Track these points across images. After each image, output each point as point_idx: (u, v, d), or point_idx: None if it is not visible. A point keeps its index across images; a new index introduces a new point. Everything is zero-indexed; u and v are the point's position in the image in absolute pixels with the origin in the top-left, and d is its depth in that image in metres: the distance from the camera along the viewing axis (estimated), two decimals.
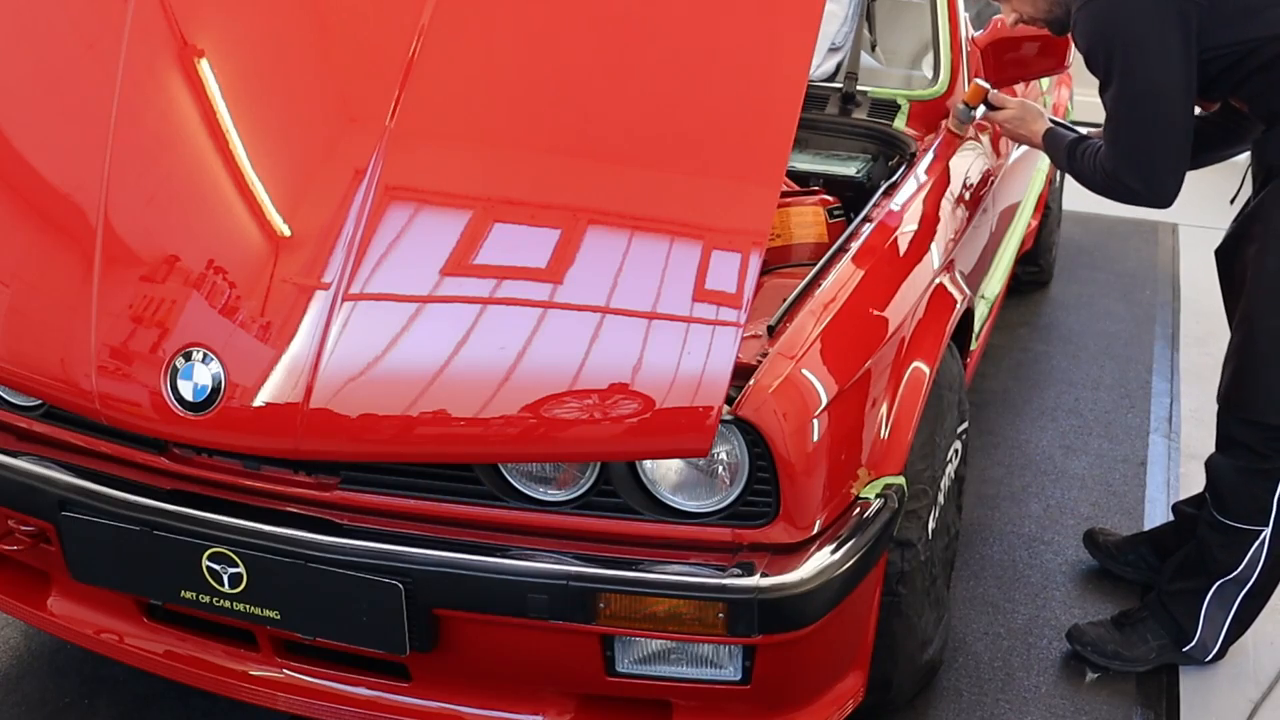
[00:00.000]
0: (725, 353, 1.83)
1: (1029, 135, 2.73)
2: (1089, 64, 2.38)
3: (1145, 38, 2.26)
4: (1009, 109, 2.78)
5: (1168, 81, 2.28)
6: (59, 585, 2.32)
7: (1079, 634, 2.78)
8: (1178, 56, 2.26)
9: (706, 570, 1.90)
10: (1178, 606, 2.68)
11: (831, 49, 3.20)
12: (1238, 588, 2.60)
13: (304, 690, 2.14)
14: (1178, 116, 2.32)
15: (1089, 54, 2.35)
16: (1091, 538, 3.13)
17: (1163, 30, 2.25)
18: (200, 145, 2.19)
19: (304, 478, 2.04)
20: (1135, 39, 2.27)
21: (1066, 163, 2.55)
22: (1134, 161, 2.35)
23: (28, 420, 2.22)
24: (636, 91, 2.16)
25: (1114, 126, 2.37)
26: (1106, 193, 2.45)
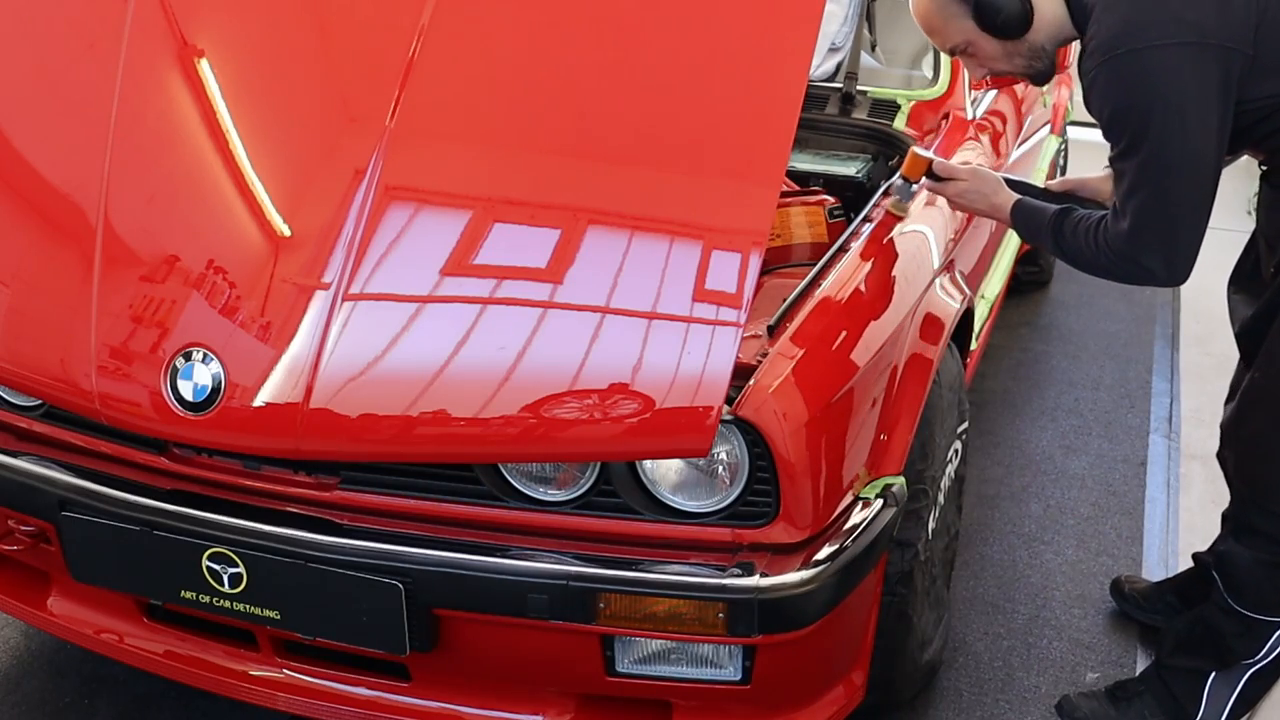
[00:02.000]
0: (725, 353, 1.83)
1: (991, 210, 2.32)
2: (1109, 129, 2.02)
3: (1185, 98, 1.92)
4: (959, 181, 2.35)
5: (1205, 148, 1.96)
6: (59, 585, 2.32)
7: (1071, 707, 2.55)
8: (1216, 118, 1.96)
9: (706, 570, 1.90)
10: (1179, 684, 2.47)
11: (831, 49, 3.20)
12: (1246, 668, 2.40)
13: (304, 690, 2.14)
14: (1210, 187, 2.00)
15: (1113, 117, 2.00)
16: (1118, 587, 2.95)
17: (1203, 87, 1.93)
18: (200, 145, 2.19)
19: (304, 478, 2.04)
20: (1174, 101, 1.92)
21: (1052, 241, 2.17)
22: (1157, 239, 2.00)
23: (28, 420, 2.22)
24: (636, 91, 2.16)
25: (1137, 199, 2.00)
26: (1111, 274, 2.10)
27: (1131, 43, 1.92)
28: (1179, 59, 1.91)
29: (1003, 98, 3.40)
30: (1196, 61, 1.91)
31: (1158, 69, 1.92)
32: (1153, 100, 1.93)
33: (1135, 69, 1.93)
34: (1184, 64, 1.91)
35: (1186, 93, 1.92)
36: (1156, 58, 1.91)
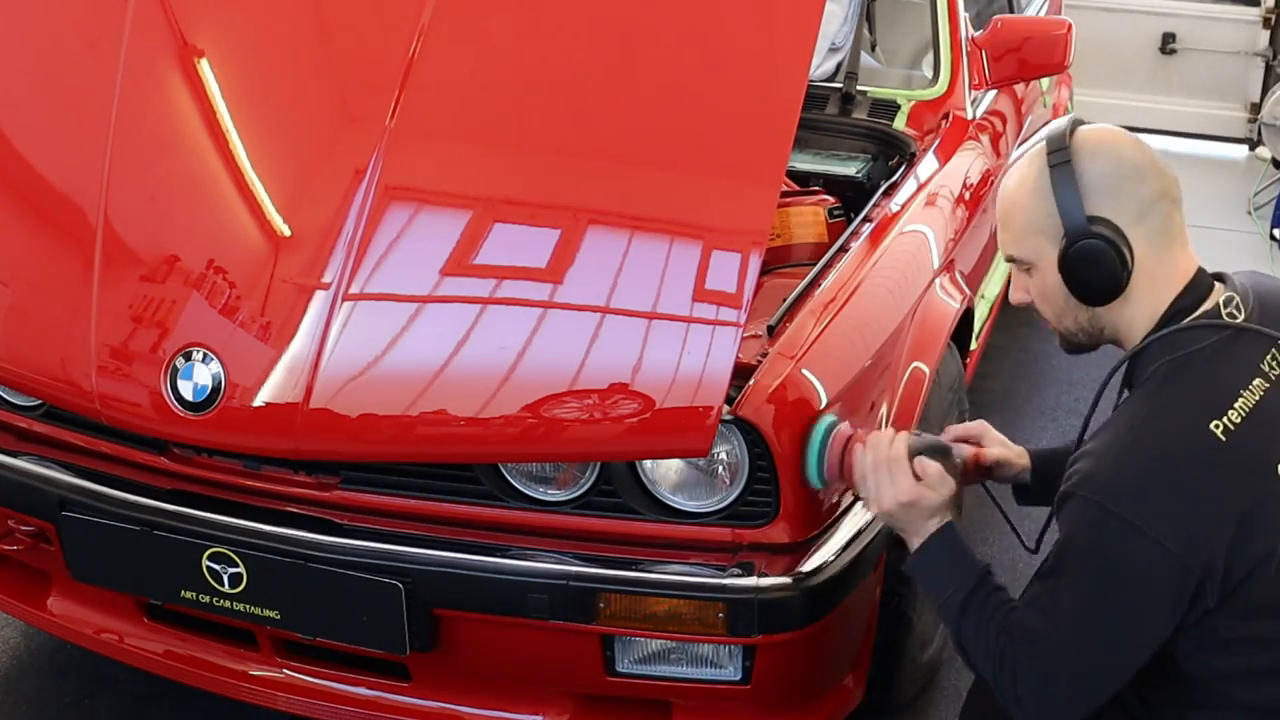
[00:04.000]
0: (725, 353, 1.83)
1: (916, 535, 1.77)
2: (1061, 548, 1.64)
3: (1126, 584, 1.58)
4: None
5: (1132, 635, 1.60)
6: (59, 585, 2.32)
7: None
8: (1159, 625, 1.59)
9: (706, 570, 1.89)
10: None
11: (831, 49, 3.20)
12: None
13: (304, 690, 2.14)
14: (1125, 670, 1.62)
15: (1064, 545, 1.63)
16: None
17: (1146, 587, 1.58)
18: (200, 145, 2.19)
19: (304, 478, 2.04)
20: (1121, 581, 1.58)
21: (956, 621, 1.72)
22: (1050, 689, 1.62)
23: (28, 420, 2.21)
24: (636, 91, 2.16)
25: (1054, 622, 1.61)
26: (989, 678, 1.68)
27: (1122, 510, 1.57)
28: (1136, 547, 1.56)
29: (1003, 97, 3.40)
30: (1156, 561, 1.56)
31: (1115, 538, 1.58)
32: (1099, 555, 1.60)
33: (1098, 521, 1.59)
34: (1141, 556, 1.57)
35: (1133, 584, 1.58)
36: (1118, 529, 1.57)
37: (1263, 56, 6.18)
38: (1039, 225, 1.68)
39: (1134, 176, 1.66)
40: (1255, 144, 6.12)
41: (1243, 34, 6.21)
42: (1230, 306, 1.66)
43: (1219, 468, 1.56)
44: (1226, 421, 1.57)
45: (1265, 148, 5.73)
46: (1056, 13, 4.50)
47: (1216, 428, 1.57)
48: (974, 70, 3.12)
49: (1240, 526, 1.56)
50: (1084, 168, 1.64)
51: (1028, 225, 1.69)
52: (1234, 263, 2.46)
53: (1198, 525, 1.55)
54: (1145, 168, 1.67)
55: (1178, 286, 1.67)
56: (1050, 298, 1.72)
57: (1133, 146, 1.68)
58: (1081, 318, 1.72)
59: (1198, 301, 1.67)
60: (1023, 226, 1.70)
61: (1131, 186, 1.65)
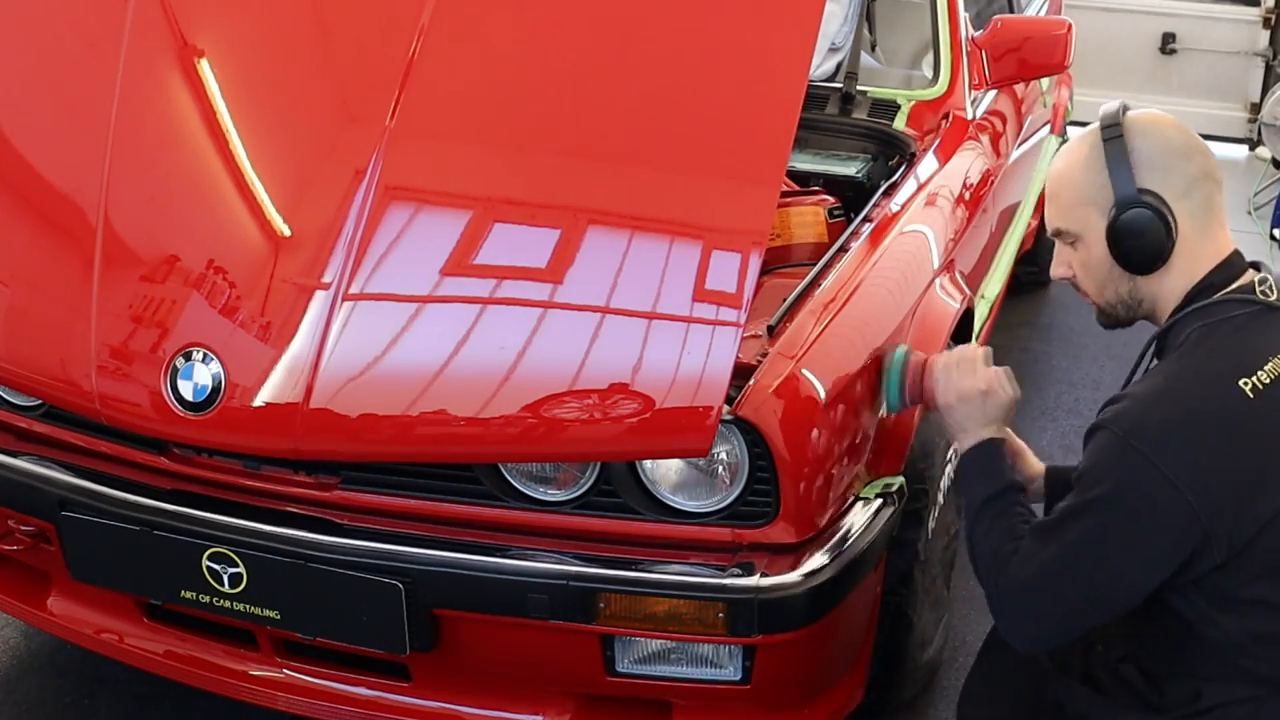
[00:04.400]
0: (725, 353, 1.83)
1: (956, 427, 1.93)
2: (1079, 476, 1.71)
3: (1133, 517, 1.64)
4: None
5: (1127, 568, 1.66)
6: (59, 585, 2.32)
7: None
8: (1153, 564, 1.64)
9: (706, 570, 1.89)
10: None
11: (831, 49, 3.20)
12: None
13: (304, 690, 2.14)
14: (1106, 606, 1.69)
15: (1084, 473, 1.69)
16: None
17: (1152, 525, 1.63)
18: (200, 145, 2.19)
19: (304, 478, 2.03)
20: (1128, 510, 1.64)
21: (973, 518, 1.81)
22: (1032, 594, 1.69)
23: (28, 420, 2.21)
24: (636, 91, 2.16)
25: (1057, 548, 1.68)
26: (982, 574, 1.77)
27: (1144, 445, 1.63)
28: (1153, 483, 1.62)
29: (1003, 97, 3.40)
30: (1164, 503, 1.62)
31: (1134, 472, 1.64)
32: (1116, 487, 1.65)
33: (1120, 453, 1.65)
34: (1154, 491, 1.62)
35: (1141, 522, 1.64)
36: (1140, 463, 1.63)
37: (1263, 56, 6.18)
38: (1089, 196, 1.76)
39: (1181, 154, 1.75)
40: (1255, 144, 6.12)
41: (1243, 34, 6.22)
42: (1264, 285, 1.75)
43: (1244, 423, 1.63)
44: (1256, 381, 1.65)
45: (1265, 148, 5.73)
46: (1056, 13, 4.50)
47: (1245, 385, 1.64)
48: (974, 70, 3.12)
49: (1255, 483, 1.63)
50: (1135, 144, 1.74)
51: (1078, 197, 1.78)
52: None
53: (1213, 475, 1.61)
54: (1191, 148, 1.77)
55: (1214, 261, 1.76)
56: (1094, 269, 1.80)
57: (1179, 129, 1.79)
58: (1123, 289, 1.80)
59: (1231, 278, 1.76)
60: (1072, 198, 1.79)
61: (1179, 163, 1.75)
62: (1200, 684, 1.71)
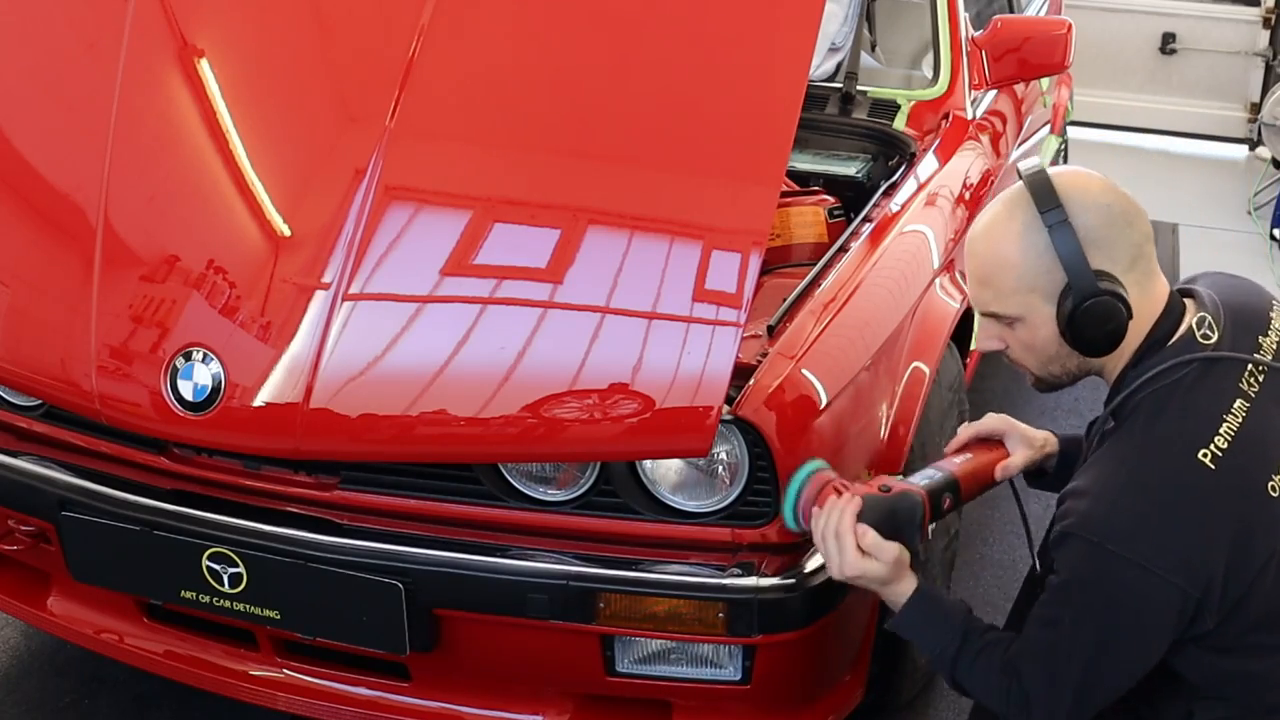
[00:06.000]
0: (725, 353, 1.83)
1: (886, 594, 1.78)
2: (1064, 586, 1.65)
3: (1129, 615, 1.62)
4: None
5: (1137, 655, 1.64)
6: (59, 585, 2.32)
7: None
8: (1160, 644, 1.63)
9: (706, 570, 1.90)
10: None
11: (831, 49, 3.20)
12: None
13: (304, 690, 2.14)
14: (1127, 684, 1.66)
15: (1067, 583, 1.65)
16: None
17: (1150, 616, 1.61)
18: (200, 145, 2.19)
19: (304, 478, 2.04)
20: (1124, 611, 1.62)
21: (950, 670, 1.73)
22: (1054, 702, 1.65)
23: (28, 420, 2.21)
24: (636, 91, 2.16)
25: (1061, 653, 1.64)
26: (997, 709, 1.71)
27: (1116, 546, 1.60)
28: (1133, 579, 1.59)
29: (1002, 97, 3.39)
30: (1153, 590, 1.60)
31: (1113, 574, 1.60)
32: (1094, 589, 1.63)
33: (1095, 561, 1.61)
34: (1139, 587, 1.60)
35: (1132, 614, 1.62)
36: (1115, 567, 1.60)
37: (1263, 56, 6.18)
38: (1033, 283, 1.65)
39: (1124, 224, 1.65)
40: (1255, 144, 6.12)
41: (1243, 34, 6.22)
42: (1204, 328, 1.67)
43: (1211, 495, 1.59)
44: (1214, 449, 1.59)
45: (1265, 148, 5.73)
46: (1056, 13, 4.50)
47: (1205, 456, 1.59)
48: (974, 70, 3.12)
49: (1236, 548, 1.60)
50: (1078, 222, 1.63)
51: (1020, 284, 1.66)
52: (1234, 263, 2.47)
53: (1195, 553, 1.58)
54: (1130, 212, 1.67)
55: (1155, 314, 1.69)
56: (1039, 349, 1.71)
57: (1112, 191, 1.68)
58: (1070, 364, 1.72)
59: (1173, 326, 1.69)
60: (1013, 284, 1.67)
61: (1123, 234, 1.65)
62: (1192, 704, 1.70)
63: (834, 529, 1.72)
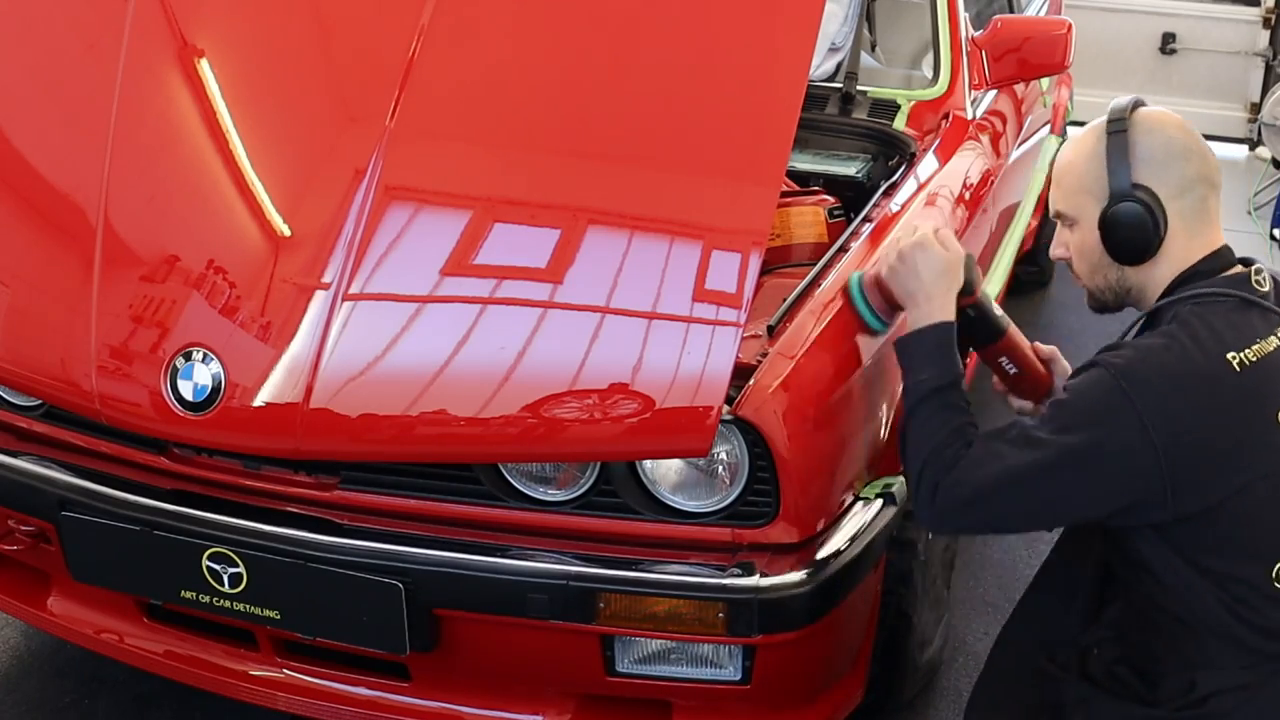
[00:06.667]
0: (725, 353, 1.83)
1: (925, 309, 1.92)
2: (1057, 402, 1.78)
3: (1097, 448, 1.70)
4: None
5: (1072, 490, 1.73)
6: (59, 585, 2.32)
7: None
8: (1099, 496, 1.73)
9: (706, 570, 1.89)
10: None
11: (831, 49, 3.20)
12: None
13: (304, 690, 2.14)
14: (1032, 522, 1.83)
15: (1066, 397, 1.77)
16: None
17: (1112, 460, 1.70)
18: (200, 145, 2.19)
19: (304, 478, 2.04)
20: (1095, 443, 1.70)
21: (915, 402, 1.86)
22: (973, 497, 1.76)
23: (28, 420, 2.21)
24: (636, 91, 2.16)
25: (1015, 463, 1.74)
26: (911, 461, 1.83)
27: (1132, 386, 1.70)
28: (1127, 423, 1.69)
29: (1002, 97, 3.40)
30: (1133, 444, 1.69)
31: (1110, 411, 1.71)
32: (1091, 418, 1.72)
33: (1105, 389, 1.72)
34: (1127, 434, 1.69)
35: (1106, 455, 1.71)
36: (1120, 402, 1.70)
37: (1263, 56, 6.19)
38: (1088, 185, 1.84)
39: (1181, 156, 1.81)
40: (1255, 144, 6.12)
41: (1243, 34, 6.22)
42: (1259, 276, 1.81)
43: (1227, 391, 1.70)
44: (1244, 356, 1.71)
45: (1265, 148, 5.74)
46: (1056, 13, 4.50)
47: (1233, 359, 1.71)
48: (974, 70, 3.12)
49: (1225, 447, 1.69)
50: (1137, 139, 1.81)
51: (1077, 184, 1.86)
52: None
53: (1187, 430, 1.69)
54: (1193, 151, 1.82)
55: (1203, 253, 1.82)
56: (1086, 254, 1.88)
57: (1185, 131, 1.84)
58: (1111, 276, 1.87)
59: (1221, 268, 1.81)
60: (1073, 184, 1.87)
61: (1176, 163, 1.80)
62: (1194, 674, 1.74)
63: (922, 242, 1.93)
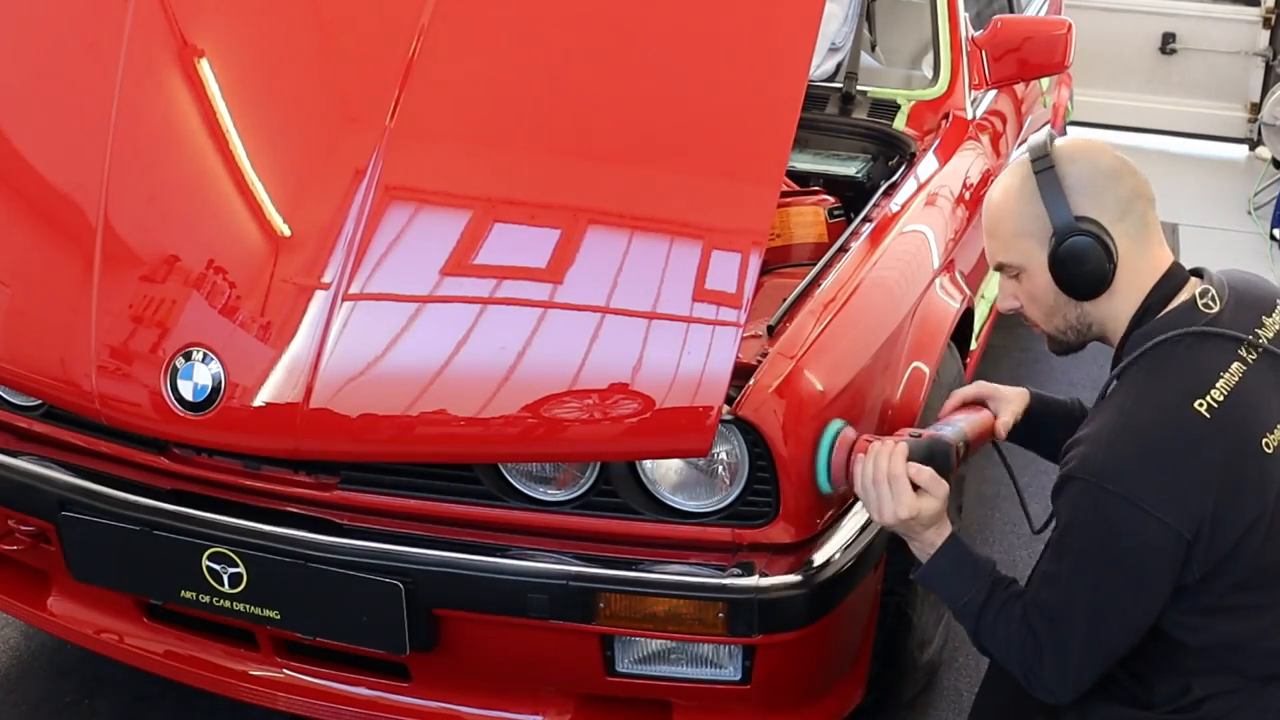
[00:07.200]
0: (725, 353, 1.83)
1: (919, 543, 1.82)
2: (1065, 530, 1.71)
3: (1127, 554, 1.66)
4: None
5: (1136, 602, 1.68)
6: (59, 585, 2.32)
7: None
8: (1160, 588, 1.67)
9: (706, 570, 1.90)
10: None
11: (831, 49, 3.20)
12: None
13: (304, 690, 2.14)
14: (1134, 633, 1.70)
15: (1067, 526, 1.70)
16: None
17: (1144, 558, 1.66)
18: (200, 145, 2.19)
19: (304, 478, 2.04)
20: (1123, 552, 1.66)
21: (974, 623, 1.78)
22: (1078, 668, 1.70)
23: (28, 420, 2.21)
24: (636, 91, 2.16)
25: (1067, 599, 1.69)
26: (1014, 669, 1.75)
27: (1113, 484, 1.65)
28: (1133, 516, 1.64)
29: (1003, 97, 3.40)
30: (1151, 531, 1.64)
31: (1110, 513, 1.66)
32: (1096, 529, 1.68)
33: (1092, 499, 1.66)
34: (1138, 525, 1.64)
35: (1131, 552, 1.66)
36: (1112, 505, 1.65)
37: (1263, 56, 6.19)
38: (1027, 228, 1.77)
39: (1112, 177, 1.76)
40: (1255, 144, 6.13)
41: (1243, 34, 6.22)
42: (1206, 298, 1.74)
43: (1204, 441, 1.65)
44: (1210, 399, 1.66)
45: (1265, 148, 5.74)
46: (1056, 13, 4.50)
47: (1201, 405, 1.65)
48: (974, 70, 3.12)
49: (1225, 496, 1.65)
50: (1066, 170, 1.75)
51: (1016, 229, 1.79)
52: (1234, 263, 2.46)
53: (1187, 494, 1.64)
54: (1121, 170, 1.77)
55: (1155, 278, 1.77)
56: (1040, 298, 1.81)
57: (1107, 152, 1.80)
58: (1070, 315, 1.81)
59: (1174, 292, 1.76)
60: (1011, 231, 1.80)
61: (1110, 186, 1.76)
62: (1189, 679, 1.73)
63: (885, 472, 1.78)
